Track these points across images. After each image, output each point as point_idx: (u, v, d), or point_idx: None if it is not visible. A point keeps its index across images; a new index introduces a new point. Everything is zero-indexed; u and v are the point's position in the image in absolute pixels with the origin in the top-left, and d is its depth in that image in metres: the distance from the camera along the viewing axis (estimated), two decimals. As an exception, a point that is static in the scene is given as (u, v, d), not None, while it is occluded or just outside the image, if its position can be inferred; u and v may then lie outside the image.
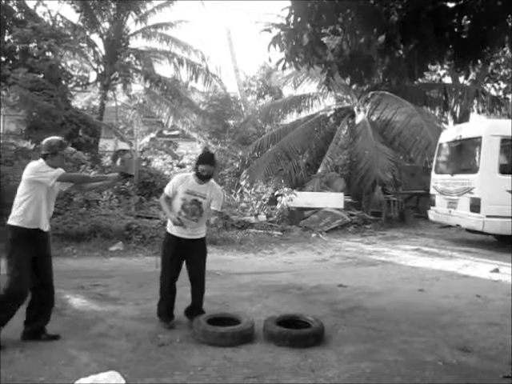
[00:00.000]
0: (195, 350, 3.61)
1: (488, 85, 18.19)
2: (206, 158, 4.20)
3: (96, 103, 14.89)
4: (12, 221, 3.63)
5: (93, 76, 14.08)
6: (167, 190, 4.17)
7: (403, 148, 13.17)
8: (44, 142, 3.77)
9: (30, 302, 3.76)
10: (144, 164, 13.32)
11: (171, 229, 4.16)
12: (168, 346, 3.70)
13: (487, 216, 8.23)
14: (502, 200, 8.16)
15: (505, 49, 12.71)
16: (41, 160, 3.70)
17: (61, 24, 12.59)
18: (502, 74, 18.08)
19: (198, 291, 4.25)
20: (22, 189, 3.67)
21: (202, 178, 4.10)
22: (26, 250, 3.60)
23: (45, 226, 3.72)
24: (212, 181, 4.24)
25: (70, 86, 12.38)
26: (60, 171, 3.64)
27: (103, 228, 8.24)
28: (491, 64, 16.57)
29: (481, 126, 9.42)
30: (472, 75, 15.72)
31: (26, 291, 3.61)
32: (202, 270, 4.26)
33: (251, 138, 15.99)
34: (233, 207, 11.24)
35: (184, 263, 4.21)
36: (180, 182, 4.13)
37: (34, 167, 3.63)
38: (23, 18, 11.19)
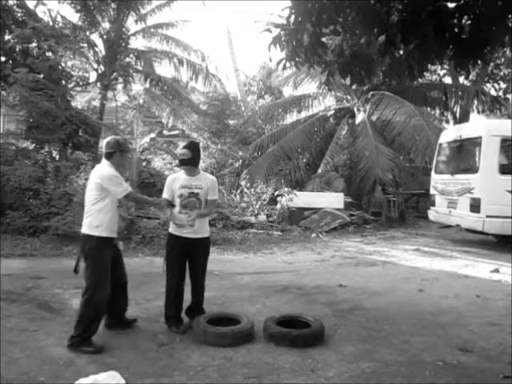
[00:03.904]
0: (195, 350, 3.61)
1: (488, 85, 18.18)
2: (185, 144, 4.28)
3: (96, 103, 14.88)
4: (90, 231, 3.64)
5: (93, 76, 14.07)
6: (164, 193, 4.17)
7: (403, 148, 13.15)
8: (111, 140, 3.82)
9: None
10: (144, 164, 13.32)
11: (173, 229, 4.13)
12: (168, 346, 3.71)
13: (487, 216, 8.23)
14: (502, 200, 8.16)
15: (505, 49, 12.71)
16: (106, 161, 3.73)
17: (61, 24, 12.58)
18: (502, 74, 18.09)
19: (199, 290, 4.23)
20: (93, 195, 3.67)
21: (182, 162, 4.08)
22: (106, 257, 3.66)
23: (116, 233, 3.84)
24: (202, 172, 4.28)
25: (70, 86, 12.36)
26: (128, 188, 3.74)
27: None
28: (491, 64, 16.56)
29: (481, 125, 9.41)
30: (472, 75, 15.72)
31: (107, 298, 3.67)
32: (204, 269, 4.25)
33: (251, 138, 16.00)
34: (233, 207, 11.23)
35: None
36: (172, 181, 4.15)
37: (107, 175, 3.64)
38: (23, 18, 11.18)
